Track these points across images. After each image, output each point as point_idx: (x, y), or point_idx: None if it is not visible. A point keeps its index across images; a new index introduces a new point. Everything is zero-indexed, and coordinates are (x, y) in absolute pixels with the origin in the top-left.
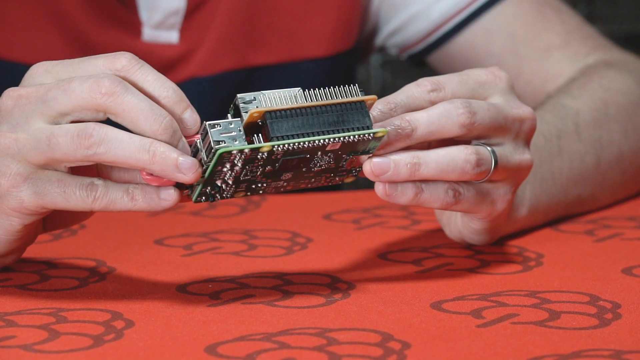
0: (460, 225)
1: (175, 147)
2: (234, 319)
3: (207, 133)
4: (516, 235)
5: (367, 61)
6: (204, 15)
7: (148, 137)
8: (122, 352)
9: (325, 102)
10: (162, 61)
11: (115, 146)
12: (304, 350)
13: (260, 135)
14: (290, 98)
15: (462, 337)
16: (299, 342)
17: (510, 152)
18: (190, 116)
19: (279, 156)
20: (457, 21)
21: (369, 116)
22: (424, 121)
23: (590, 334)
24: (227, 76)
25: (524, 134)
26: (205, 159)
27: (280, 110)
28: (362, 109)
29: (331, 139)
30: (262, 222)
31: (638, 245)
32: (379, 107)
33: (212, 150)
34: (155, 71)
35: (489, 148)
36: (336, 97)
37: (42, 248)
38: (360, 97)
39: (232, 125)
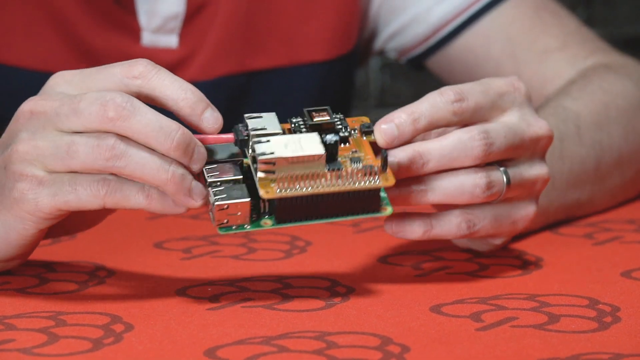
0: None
1: (190, 158)
2: (233, 322)
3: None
4: (515, 239)
5: (366, 64)
6: (203, 19)
7: (161, 153)
8: (122, 356)
9: (340, 188)
10: (162, 65)
11: (135, 161)
12: (303, 353)
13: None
14: (306, 163)
15: (462, 341)
16: (298, 346)
17: (525, 168)
18: (211, 115)
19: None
20: (455, 24)
21: (381, 199)
22: (436, 154)
23: (589, 338)
24: (226, 80)
25: (540, 150)
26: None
27: (291, 198)
28: (376, 194)
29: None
30: None
31: (637, 248)
32: (402, 116)
33: (214, 223)
34: (171, 75)
35: (501, 169)
36: (354, 179)
37: (41, 251)
38: (378, 184)
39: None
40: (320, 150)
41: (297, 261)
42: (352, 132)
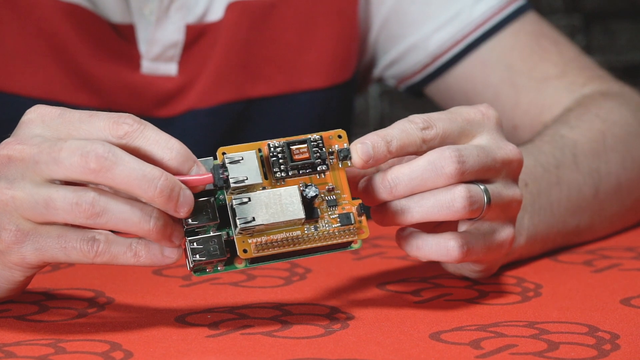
0: (459, 264)
1: (176, 203)
2: (232, 349)
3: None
4: (514, 266)
5: (366, 91)
6: (202, 47)
7: (145, 202)
8: None
9: (317, 244)
10: (161, 93)
11: (116, 217)
12: None
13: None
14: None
15: None
16: None
17: (501, 188)
18: (197, 173)
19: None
20: (454, 52)
21: (352, 245)
22: (404, 177)
23: None
24: (225, 108)
25: (512, 173)
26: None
27: (264, 257)
28: (349, 243)
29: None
30: None
31: (636, 275)
32: (376, 138)
33: (190, 267)
34: (157, 132)
35: (481, 186)
36: (330, 235)
37: (41, 279)
38: (353, 238)
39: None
40: (300, 213)
41: (297, 288)
42: (330, 160)
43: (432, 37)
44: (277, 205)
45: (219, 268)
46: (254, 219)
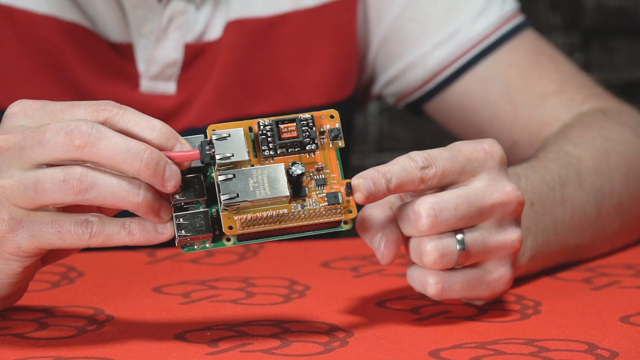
0: None
1: (162, 177)
2: None
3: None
4: (514, 284)
5: (365, 109)
6: (201, 66)
7: (132, 176)
8: None
9: (303, 222)
10: (160, 112)
11: (105, 190)
12: None
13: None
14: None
15: None
16: None
17: (491, 233)
18: (181, 149)
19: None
20: (453, 70)
21: (341, 225)
22: (376, 222)
23: None
24: None
25: (510, 215)
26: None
27: (252, 234)
28: (337, 222)
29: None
30: (260, 270)
31: (636, 293)
32: (376, 174)
33: (177, 243)
34: (138, 114)
35: (457, 236)
36: (317, 213)
37: (40, 296)
38: (340, 217)
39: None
40: (285, 191)
41: (296, 305)
42: (321, 140)
43: (430, 55)
44: (262, 182)
45: (207, 245)
46: (238, 195)
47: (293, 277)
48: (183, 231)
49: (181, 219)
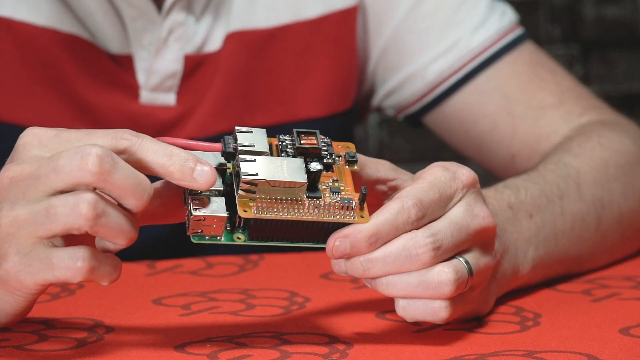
0: None
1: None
2: None
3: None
4: (513, 295)
5: (365, 120)
6: (201, 78)
7: (134, 211)
8: None
9: (316, 218)
10: (159, 123)
11: (114, 222)
12: None
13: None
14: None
15: None
16: None
17: (478, 257)
18: (200, 174)
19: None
20: (452, 82)
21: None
22: (378, 263)
23: None
24: None
25: (486, 240)
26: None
27: (267, 220)
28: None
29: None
30: (260, 282)
31: (635, 305)
32: (359, 238)
33: (188, 231)
34: (155, 143)
35: (462, 260)
36: (331, 211)
37: (40, 308)
38: (353, 220)
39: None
40: (302, 178)
41: (296, 317)
42: (337, 158)
43: (430, 67)
44: (280, 168)
45: (217, 237)
46: (256, 174)
47: (293, 289)
48: (198, 211)
49: (197, 199)
